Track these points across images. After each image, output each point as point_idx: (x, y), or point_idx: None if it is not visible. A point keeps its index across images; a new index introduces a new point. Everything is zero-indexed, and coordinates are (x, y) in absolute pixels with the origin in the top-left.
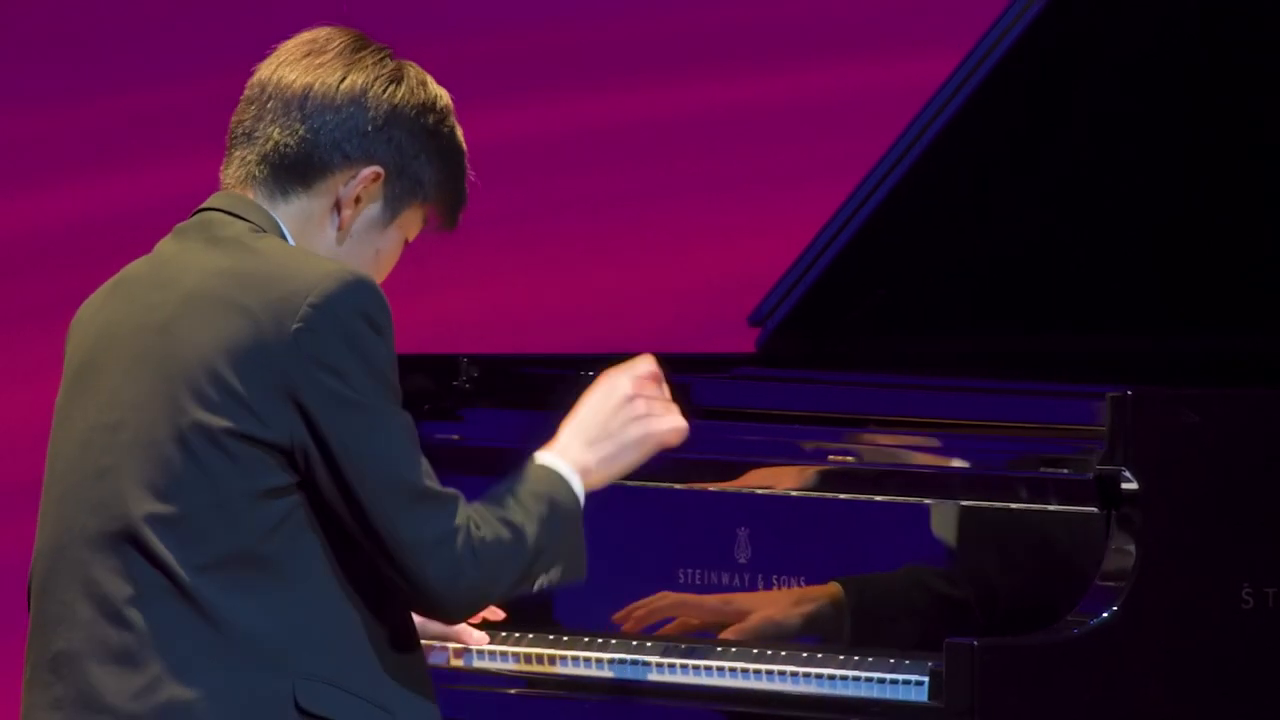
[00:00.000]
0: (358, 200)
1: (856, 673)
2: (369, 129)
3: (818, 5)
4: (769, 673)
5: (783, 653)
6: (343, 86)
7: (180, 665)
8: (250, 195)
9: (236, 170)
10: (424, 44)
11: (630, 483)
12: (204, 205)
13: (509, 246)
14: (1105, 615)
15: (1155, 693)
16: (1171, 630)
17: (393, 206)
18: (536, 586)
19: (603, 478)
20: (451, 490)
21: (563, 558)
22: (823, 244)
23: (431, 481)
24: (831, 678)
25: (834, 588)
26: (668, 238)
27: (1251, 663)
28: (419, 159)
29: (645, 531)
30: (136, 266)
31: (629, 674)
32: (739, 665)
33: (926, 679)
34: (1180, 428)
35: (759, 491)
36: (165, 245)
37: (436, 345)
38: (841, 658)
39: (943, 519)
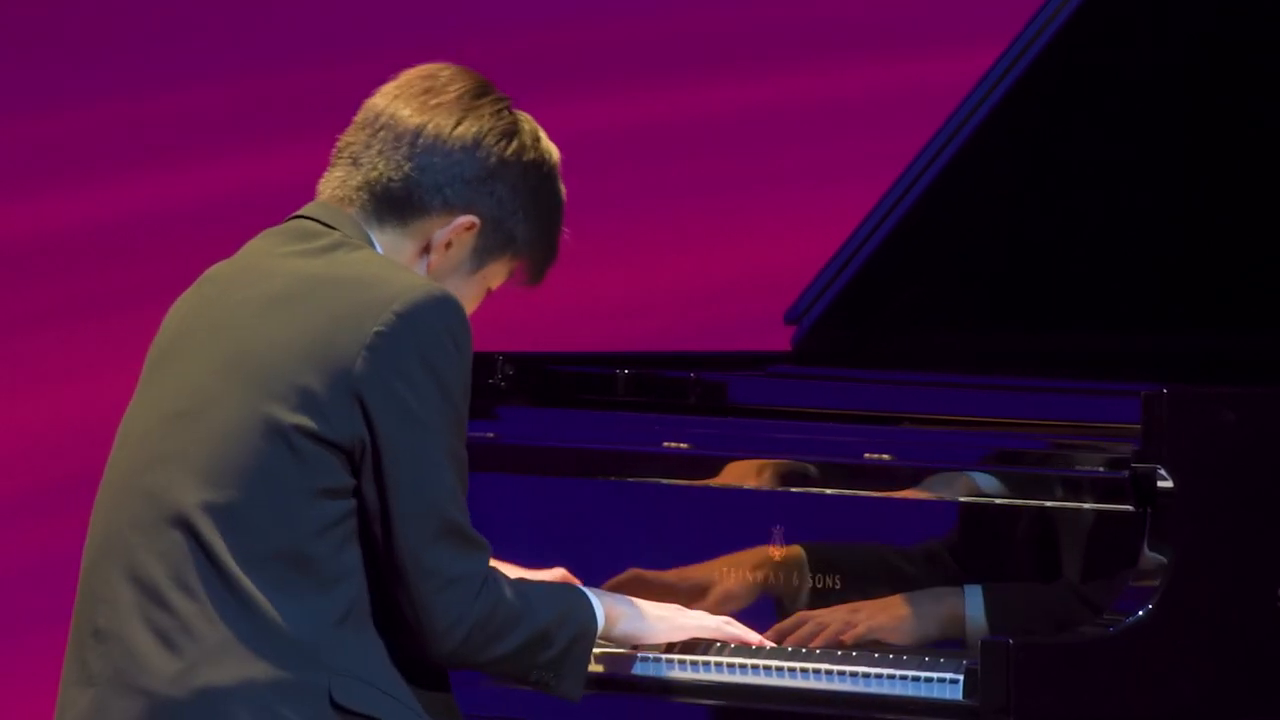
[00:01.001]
0: (449, 245)
1: (891, 671)
2: (474, 178)
3: (852, 4)
4: (803, 670)
5: (817, 651)
6: (456, 131)
7: (219, 653)
8: (347, 211)
9: (336, 189)
10: (442, 45)
11: (666, 481)
12: (299, 213)
13: None
14: (1140, 614)
15: (1189, 692)
16: (1206, 629)
17: (481, 257)
18: (532, 680)
19: (621, 629)
20: (483, 539)
21: (567, 664)
22: (858, 242)
23: (467, 523)
24: (866, 676)
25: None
26: (704, 235)
27: None
28: (516, 215)
29: (681, 529)
30: (221, 266)
31: (662, 670)
32: (773, 663)
33: (961, 677)
34: (1216, 426)
35: (794, 490)
36: (254, 246)
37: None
38: (876, 656)
39: (977, 517)
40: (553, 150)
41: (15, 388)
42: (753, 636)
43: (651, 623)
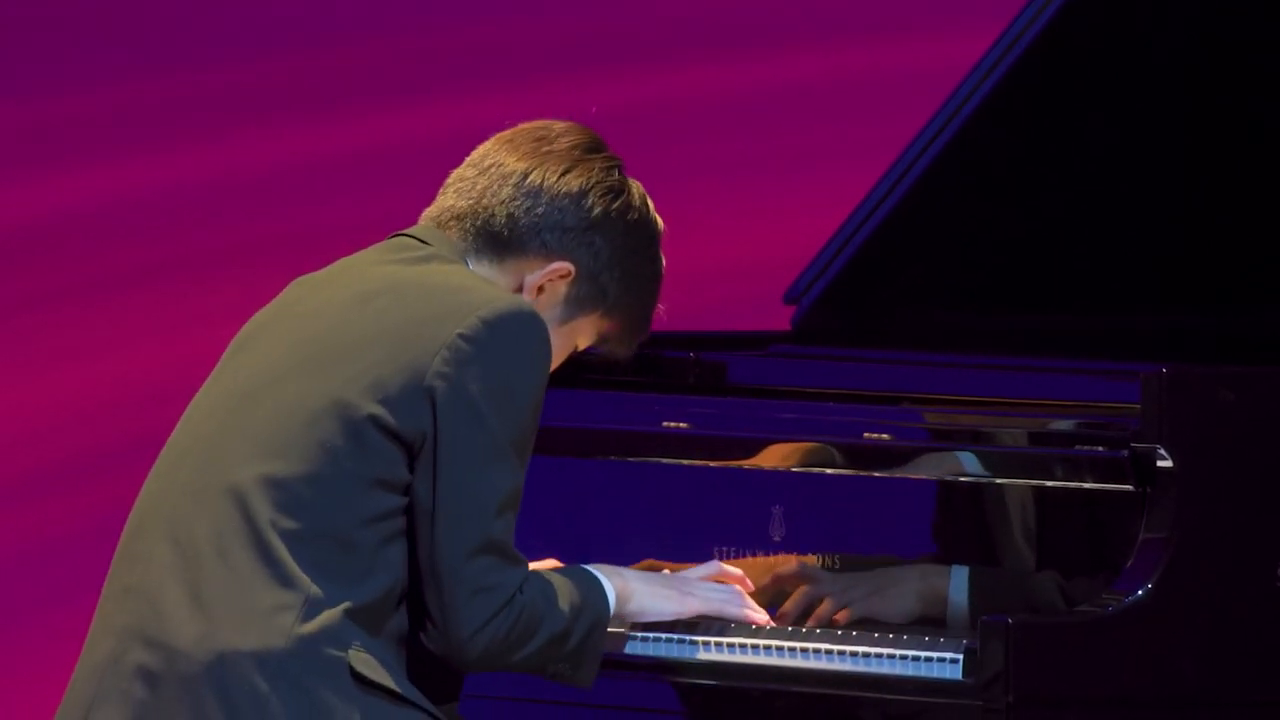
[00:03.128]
0: (541, 290)
1: (891, 650)
2: (575, 227)
3: None
4: (804, 650)
5: (817, 630)
6: (563, 180)
7: (244, 619)
8: (448, 236)
9: (439, 215)
10: (453, 26)
11: (666, 460)
12: (399, 231)
13: None
14: (1139, 593)
15: (1188, 671)
16: (1204, 609)
17: (572, 308)
18: (549, 673)
19: (631, 607)
20: (521, 556)
21: (583, 656)
22: (858, 221)
23: (509, 538)
24: (866, 655)
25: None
26: (703, 216)
27: None
28: (612, 271)
29: (681, 509)
30: (312, 273)
31: (666, 651)
32: (774, 643)
33: (961, 657)
34: (1216, 406)
35: (794, 469)
36: (348, 258)
37: None
38: (876, 635)
39: (978, 496)
40: (658, 220)
41: (13, 370)
42: (760, 616)
43: (659, 601)
